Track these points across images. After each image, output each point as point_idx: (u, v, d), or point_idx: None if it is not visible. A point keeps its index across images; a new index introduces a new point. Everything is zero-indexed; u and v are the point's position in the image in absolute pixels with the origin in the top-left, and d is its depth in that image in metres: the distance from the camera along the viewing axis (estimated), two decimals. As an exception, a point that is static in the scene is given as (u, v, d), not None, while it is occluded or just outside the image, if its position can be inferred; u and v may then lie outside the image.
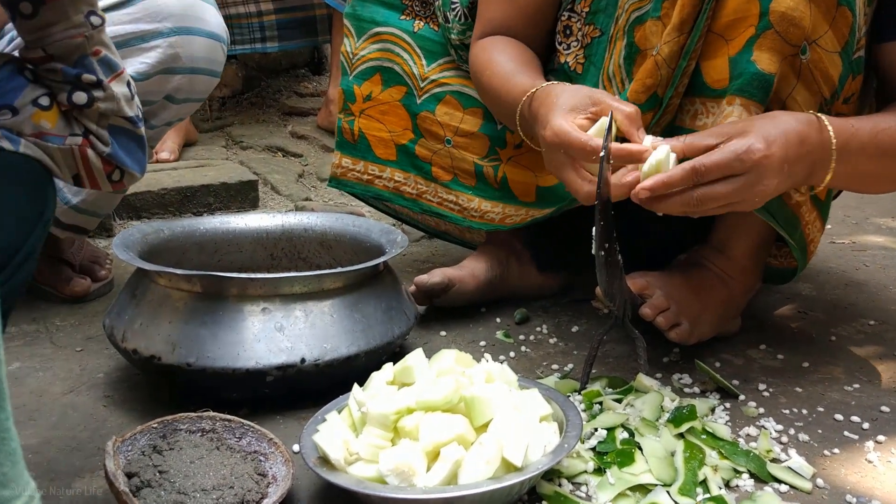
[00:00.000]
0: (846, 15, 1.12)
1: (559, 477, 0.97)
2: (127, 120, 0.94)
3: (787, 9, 1.09)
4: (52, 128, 0.88)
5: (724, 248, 1.35)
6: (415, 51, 1.48)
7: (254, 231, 1.45)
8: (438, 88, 1.48)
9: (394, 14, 1.50)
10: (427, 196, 1.54)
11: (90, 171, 0.93)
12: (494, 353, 1.33)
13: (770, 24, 1.09)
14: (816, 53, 1.13)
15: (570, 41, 1.34)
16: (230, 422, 1.01)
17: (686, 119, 1.20)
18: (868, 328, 1.47)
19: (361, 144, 1.56)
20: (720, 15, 1.12)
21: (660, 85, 1.16)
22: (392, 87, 1.51)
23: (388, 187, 1.57)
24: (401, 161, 1.54)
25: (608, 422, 1.07)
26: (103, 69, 0.91)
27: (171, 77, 1.36)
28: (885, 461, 1.04)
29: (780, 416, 1.14)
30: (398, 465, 0.85)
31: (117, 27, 1.30)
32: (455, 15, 1.42)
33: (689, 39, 1.13)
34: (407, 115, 1.51)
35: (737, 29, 1.11)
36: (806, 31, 1.10)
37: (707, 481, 0.97)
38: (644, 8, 1.19)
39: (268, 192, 2.34)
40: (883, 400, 1.19)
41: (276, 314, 1.12)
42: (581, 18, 1.32)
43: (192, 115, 2.73)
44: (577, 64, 1.33)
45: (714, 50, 1.14)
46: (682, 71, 1.15)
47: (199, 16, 1.36)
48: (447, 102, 1.47)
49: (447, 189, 1.51)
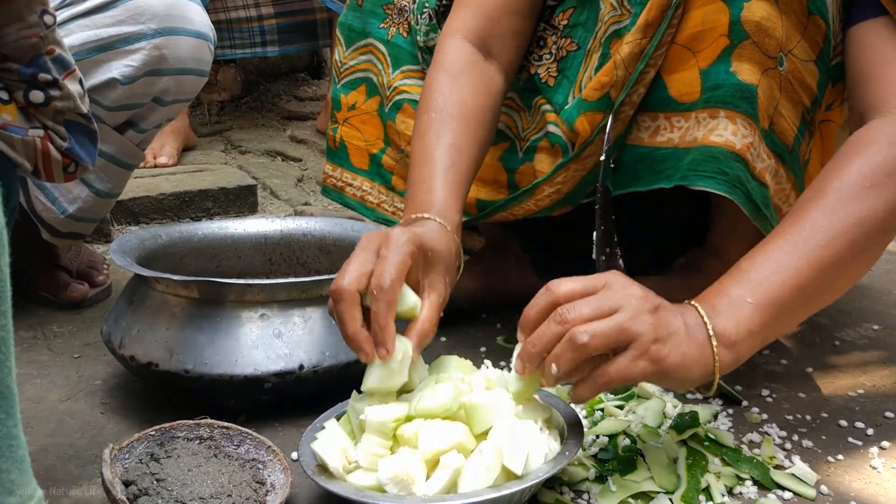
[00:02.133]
0: (818, 23, 1.11)
1: (561, 484, 0.97)
2: (82, 116, 0.95)
3: (760, 18, 1.07)
4: (14, 120, 0.89)
5: (721, 252, 1.35)
6: (385, 59, 1.47)
7: (252, 236, 1.44)
8: (398, 96, 1.46)
9: (376, 23, 1.49)
10: (384, 205, 1.53)
11: (49, 164, 0.94)
12: (495, 359, 1.32)
13: (747, 34, 1.07)
14: (792, 63, 1.11)
15: (543, 53, 1.30)
16: (228, 429, 1.00)
17: (644, 136, 1.17)
18: (872, 333, 1.46)
19: (341, 152, 1.56)
20: (685, 27, 1.10)
21: (614, 86, 1.14)
22: (372, 98, 1.51)
23: (356, 196, 1.56)
24: (370, 171, 1.54)
25: (610, 428, 1.06)
26: (57, 67, 0.91)
27: (158, 79, 1.35)
28: (889, 467, 1.03)
29: (783, 422, 1.13)
30: (397, 473, 0.84)
31: (100, 30, 1.29)
32: (424, 16, 1.40)
33: (650, 44, 1.11)
34: (380, 124, 1.50)
35: (705, 40, 1.09)
36: (780, 42, 1.09)
37: (710, 488, 0.96)
38: (622, 22, 1.17)
39: (267, 197, 2.34)
40: (887, 405, 1.18)
41: (274, 320, 1.11)
42: (557, 32, 1.29)
43: (190, 119, 2.73)
44: (548, 76, 1.29)
45: (680, 62, 1.12)
46: (638, 78, 1.12)
47: (184, 15, 1.35)
48: (404, 111, 1.45)
49: (401, 197, 1.50)
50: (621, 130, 1.18)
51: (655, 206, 1.44)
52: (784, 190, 1.17)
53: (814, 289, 0.95)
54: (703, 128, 1.11)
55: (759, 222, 1.15)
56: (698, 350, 0.88)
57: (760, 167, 1.12)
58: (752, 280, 0.93)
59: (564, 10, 1.28)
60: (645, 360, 0.85)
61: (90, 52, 1.30)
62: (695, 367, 0.88)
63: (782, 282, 0.92)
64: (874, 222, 0.96)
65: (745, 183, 1.12)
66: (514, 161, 1.34)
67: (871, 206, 0.96)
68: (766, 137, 1.12)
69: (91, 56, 1.30)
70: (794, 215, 0.98)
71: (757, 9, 1.07)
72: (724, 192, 1.11)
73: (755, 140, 1.11)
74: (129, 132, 1.43)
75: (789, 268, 0.93)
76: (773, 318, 0.92)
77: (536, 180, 1.25)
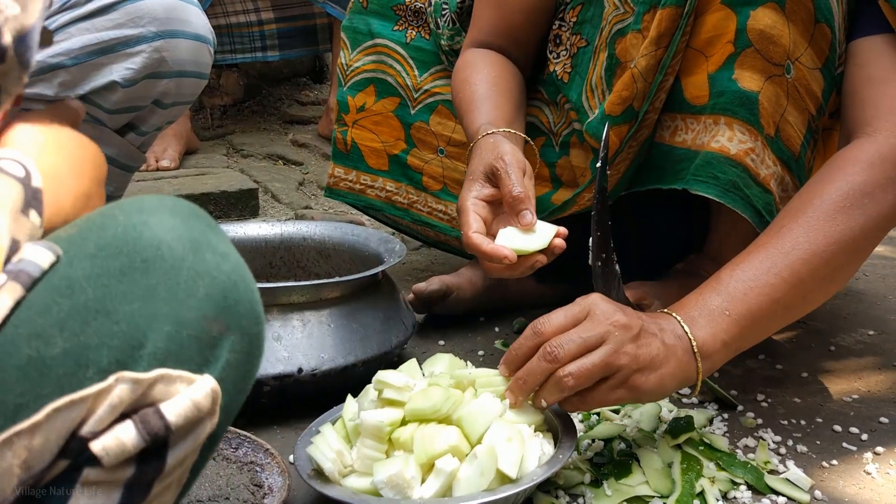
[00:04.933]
0: (825, 31, 1.12)
1: (556, 488, 0.97)
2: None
3: (765, 27, 1.09)
4: None
5: (719, 257, 1.35)
6: (407, 62, 1.49)
7: (252, 240, 1.44)
8: (431, 98, 1.49)
9: (388, 25, 1.51)
10: (417, 205, 1.56)
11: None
12: (493, 363, 1.32)
13: (750, 42, 1.09)
14: (799, 71, 1.12)
15: (560, 50, 1.34)
16: (226, 432, 1.00)
17: (665, 135, 1.20)
18: (867, 338, 1.46)
19: (354, 154, 1.57)
20: (699, 31, 1.12)
21: (636, 98, 1.16)
22: (385, 99, 1.52)
23: (381, 197, 1.58)
24: (393, 171, 1.55)
25: (605, 433, 1.07)
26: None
27: (158, 81, 1.35)
28: (883, 473, 1.04)
29: (778, 427, 1.14)
30: (392, 477, 0.84)
31: (101, 33, 1.30)
32: (444, 20, 1.43)
33: (666, 54, 1.12)
34: (400, 125, 1.52)
35: (715, 46, 1.11)
36: (787, 49, 1.10)
37: (704, 493, 0.96)
38: (626, 21, 1.19)
39: (268, 201, 2.35)
40: (882, 411, 1.19)
41: (273, 324, 1.12)
42: (569, 28, 1.33)
43: (192, 123, 2.74)
44: (563, 73, 1.33)
45: (694, 66, 1.14)
46: (659, 86, 1.14)
47: (183, 18, 1.36)
48: (440, 112, 1.49)
49: (437, 198, 1.53)
50: (647, 135, 1.20)
51: (653, 211, 1.45)
52: (790, 198, 1.18)
53: (789, 302, 0.99)
54: (708, 133, 1.14)
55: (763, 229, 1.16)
56: (677, 366, 0.93)
57: (765, 173, 1.13)
58: (731, 292, 0.97)
59: (574, 6, 1.31)
60: (623, 389, 0.91)
61: (91, 55, 1.31)
62: (671, 383, 0.93)
63: (759, 295, 0.96)
64: (850, 242, 1.00)
65: (745, 188, 1.12)
66: (552, 155, 1.39)
67: (849, 226, 1.00)
68: (771, 144, 1.13)
69: (91, 59, 1.31)
70: (775, 228, 1.02)
71: (763, 17, 1.08)
72: (714, 195, 1.13)
73: (756, 146, 1.12)
74: (129, 135, 1.44)
75: (766, 283, 0.97)
76: (748, 329, 0.97)
77: (577, 190, 1.29)
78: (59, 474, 0.51)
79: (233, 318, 0.56)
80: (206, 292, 0.55)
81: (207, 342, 0.55)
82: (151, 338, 0.53)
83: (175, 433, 0.53)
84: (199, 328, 0.55)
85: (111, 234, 0.55)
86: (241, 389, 0.60)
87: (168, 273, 0.54)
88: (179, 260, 0.55)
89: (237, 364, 0.57)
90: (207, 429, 0.55)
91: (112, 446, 0.51)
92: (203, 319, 0.55)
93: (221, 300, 0.56)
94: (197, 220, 0.58)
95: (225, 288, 0.56)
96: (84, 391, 0.50)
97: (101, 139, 1.44)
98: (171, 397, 0.52)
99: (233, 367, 0.57)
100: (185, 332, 0.54)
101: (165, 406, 0.52)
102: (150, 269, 0.54)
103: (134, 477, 0.52)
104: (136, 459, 0.52)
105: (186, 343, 0.54)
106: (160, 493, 0.55)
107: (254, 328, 0.58)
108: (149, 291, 0.53)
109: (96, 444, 0.50)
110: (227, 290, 0.56)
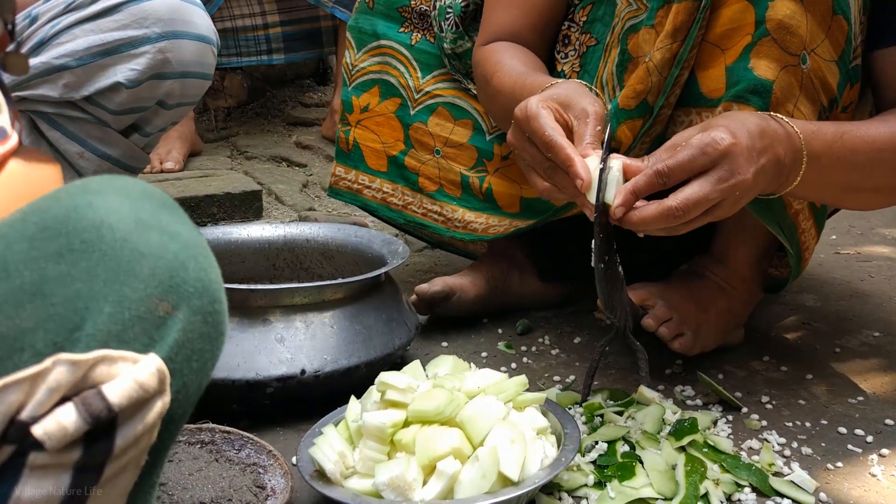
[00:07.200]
0: (842, 24, 1.12)
1: (559, 490, 0.97)
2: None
3: (783, 17, 1.08)
4: None
5: (725, 258, 1.34)
6: (411, 63, 1.49)
7: (255, 241, 1.45)
8: (432, 100, 1.49)
9: (394, 27, 1.51)
10: (412, 207, 1.55)
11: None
12: (496, 364, 1.32)
13: (767, 32, 1.09)
14: (815, 62, 1.12)
15: (568, 50, 1.35)
16: (229, 433, 1.00)
17: (678, 131, 1.18)
18: (872, 340, 1.46)
19: (355, 154, 1.57)
20: (715, 25, 1.12)
21: (650, 92, 1.16)
22: (388, 100, 1.52)
23: (376, 198, 1.58)
24: (390, 172, 1.55)
25: (609, 434, 1.06)
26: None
27: (161, 82, 1.36)
28: (888, 475, 1.03)
29: (782, 429, 1.13)
30: (394, 479, 0.84)
31: (105, 34, 1.30)
32: (448, 24, 1.43)
33: (682, 48, 1.12)
34: (400, 126, 1.52)
35: (732, 38, 1.11)
36: (804, 40, 1.10)
37: (708, 495, 0.96)
38: (639, 17, 1.19)
39: (272, 202, 2.35)
40: (887, 413, 1.18)
41: (276, 325, 1.12)
42: (579, 28, 1.33)
43: (197, 125, 2.74)
44: (571, 72, 1.34)
45: (710, 59, 1.14)
46: (675, 80, 1.14)
47: (187, 19, 1.36)
48: (439, 113, 1.48)
49: (432, 199, 1.52)
50: (660, 130, 1.20)
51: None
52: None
53: (866, 163, 1.09)
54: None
55: (765, 219, 1.15)
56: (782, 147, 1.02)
57: None
58: (825, 126, 1.08)
59: (584, 6, 1.31)
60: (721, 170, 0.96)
61: (95, 56, 1.31)
62: (771, 168, 1.01)
63: (854, 137, 1.08)
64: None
65: None
66: None
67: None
68: None
69: (96, 60, 1.31)
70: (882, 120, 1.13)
71: (781, 7, 1.08)
72: None
73: None
74: (134, 136, 1.44)
75: (856, 135, 1.09)
76: (837, 155, 1.07)
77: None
78: (6, 460, 0.50)
79: (181, 297, 0.55)
80: (150, 272, 0.54)
81: (153, 322, 0.54)
82: (91, 319, 0.52)
83: (121, 414, 0.51)
84: (144, 308, 0.53)
85: (52, 216, 0.54)
86: (199, 370, 0.58)
87: (108, 253, 0.53)
88: (122, 240, 0.54)
89: (190, 343, 0.56)
90: (157, 408, 0.54)
91: (53, 430, 0.50)
92: (147, 299, 0.54)
93: (167, 279, 0.54)
94: (147, 201, 0.57)
95: (172, 268, 0.55)
96: (19, 373, 0.49)
97: (105, 140, 1.44)
98: (113, 378, 0.51)
99: (185, 346, 0.56)
100: (128, 312, 0.53)
101: (107, 387, 0.51)
102: (89, 250, 0.53)
103: (82, 459, 0.52)
104: (83, 442, 0.51)
105: (129, 323, 0.53)
106: (115, 475, 0.54)
107: (208, 307, 0.57)
108: (87, 273, 0.52)
109: (37, 427, 0.50)
110: (173, 270, 0.55)
